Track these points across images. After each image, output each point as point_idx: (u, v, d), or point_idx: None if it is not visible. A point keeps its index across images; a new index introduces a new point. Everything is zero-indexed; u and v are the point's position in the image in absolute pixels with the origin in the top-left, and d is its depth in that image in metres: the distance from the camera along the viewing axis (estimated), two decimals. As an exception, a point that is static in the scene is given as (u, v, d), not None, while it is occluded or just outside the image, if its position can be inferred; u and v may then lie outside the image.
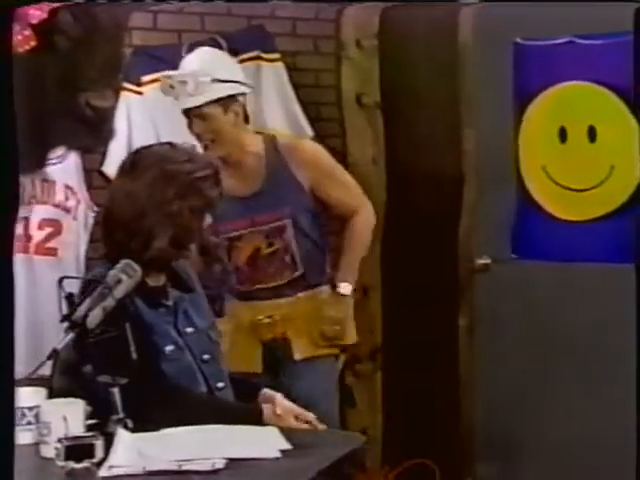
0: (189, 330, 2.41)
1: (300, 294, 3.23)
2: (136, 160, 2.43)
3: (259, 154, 3.22)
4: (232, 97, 3.16)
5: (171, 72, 3.19)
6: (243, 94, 3.20)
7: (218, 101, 3.13)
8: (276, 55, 4.04)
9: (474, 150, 3.80)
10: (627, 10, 2.44)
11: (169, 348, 2.34)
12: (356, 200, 3.32)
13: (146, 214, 2.33)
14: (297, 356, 3.22)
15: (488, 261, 3.74)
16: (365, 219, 3.32)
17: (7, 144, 1.39)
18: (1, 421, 1.38)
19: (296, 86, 4.06)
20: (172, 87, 3.16)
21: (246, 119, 3.24)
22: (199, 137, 3.13)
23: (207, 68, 3.14)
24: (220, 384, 2.42)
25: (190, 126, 3.17)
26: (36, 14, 3.48)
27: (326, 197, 3.26)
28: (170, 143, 2.51)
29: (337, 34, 4.15)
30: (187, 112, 3.18)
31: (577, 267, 3.57)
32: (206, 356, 2.41)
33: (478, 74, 3.74)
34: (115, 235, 2.36)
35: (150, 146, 2.52)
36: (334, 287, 3.27)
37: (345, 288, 3.27)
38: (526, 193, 3.67)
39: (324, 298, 3.25)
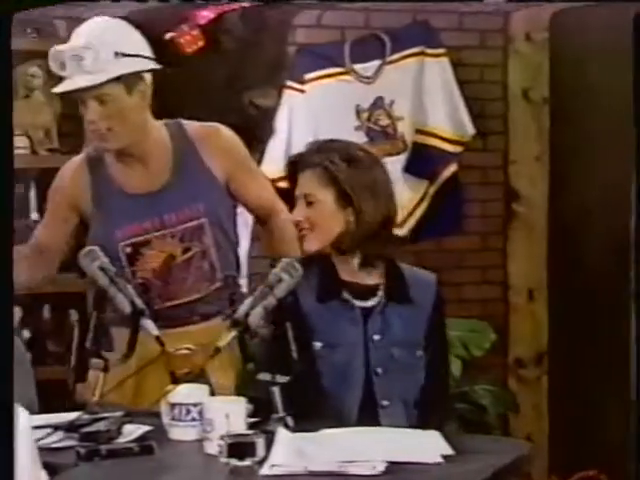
0: (376, 337, 2.34)
1: (217, 320, 2.61)
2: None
3: (164, 142, 2.62)
4: (138, 75, 2.57)
5: (62, 46, 2.55)
6: (150, 71, 2.61)
7: (121, 79, 2.53)
8: (441, 50, 3.99)
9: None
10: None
11: (318, 344, 2.31)
12: (273, 200, 2.74)
13: None
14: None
15: (663, 262, 3.58)
16: (287, 219, 2.55)
17: (6, 145, 1.38)
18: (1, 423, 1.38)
19: (461, 82, 3.99)
20: (63, 64, 2.52)
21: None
22: (93, 125, 2.54)
23: (108, 40, 2.53)
24: (385, 402, 2.33)
25: (84, 112, 2.56)
26: (204, 15, 3.54)
27: (244, 192, 2.68)
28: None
29: (505, 27, 4.06)
30: (81, 94, 2.54)
31: None
32: (380, 369, 2.33)
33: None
34: None
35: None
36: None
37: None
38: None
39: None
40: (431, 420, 2.30)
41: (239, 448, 1.94)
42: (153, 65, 2.60)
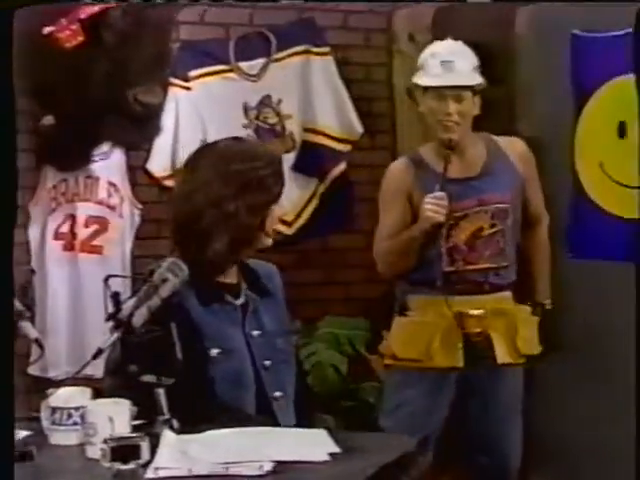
0: (255, 333, 2.36)
1: (501, 294, 3.29)
2: (200, 156, 2.38)
3: (475, 139, 3.31)
4: (477, 87, 3.26)
5: (437, 49, 3.29)
6: (481, 88, 3.30)
7: (471, 87, 3.24)
8: (326, 49, 4.00)
9: (529, 144, 3.72)
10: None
11: (215, 351, 2.29)
12: (543, 211, 3.41)
13: (203, 215, 2.29)
14: (500, 360, 3.26)
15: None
16: (546, 229, 3.41)
17: (6, 143, 1.36)
18: (1, 424, 1.35)
19: (346, 80, 4.01)
20: (423, 66, 3.27)
21: None
22: (448, 117, 3.21)
23: (469, 56, 3.28)
24: (278, 393, 2.35)
25: (438, 106, 3.23)
26: (86, 9, 3.47)
27: (533, 197, 3.35)
28: (235, 138, 2.46)
29: (389, 27, 4.09)
30: (444, 92, 3.22)
31: (633, 266, 3.48)
32: (267, 362, 2.34)
33: (535, 67, 3.67)
34: (181, 234, 2.33)
35: (215, 142, 2.45)
36: (541, 304, 3.38)
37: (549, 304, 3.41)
38: (582, 190, 3.58)
39: (521, 315, 3.32)
40: (305, 411, 2.36)
41: (122, 451, 1.91)
42: (484, 84, 3.29)
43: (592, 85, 3.52)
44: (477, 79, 3.26)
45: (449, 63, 3.23)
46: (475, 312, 3.23)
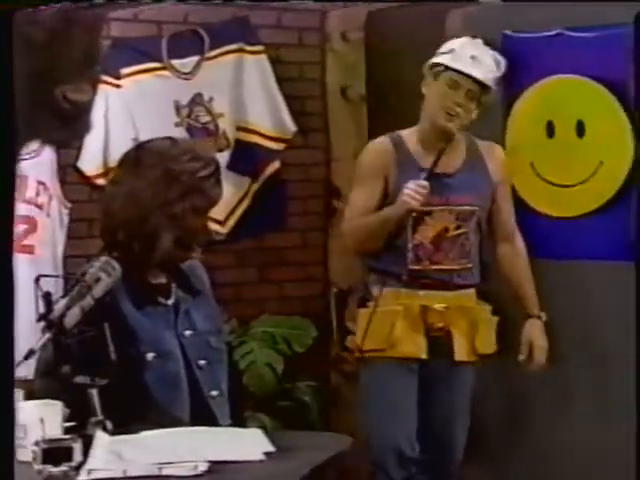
0: (188, 333, 2.34)
1: (464, 291, 3.30)
2: (140, 156, 2.35)
3: (461, 139, 3.33)
4: (486, 91, 3.29)
5: (470, 41, 3.30)
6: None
7: (485, 89, 3.26)
8: (259, 47, 3.99)
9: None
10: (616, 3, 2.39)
11: (150, 355, 2.28)
12: (514, 224, 3.42)
13: (150, 215, 2.27)
14: (457, 357, 3.28)
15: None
16: (522, 243, 3.43)
17: (8, 143, 1.34)
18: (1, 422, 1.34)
19: (280, 79, 4.00)
20: (451, 50, 3.26)
21: None
22: (457, 106, 3.22)
23: (491, 53, 3.31)
24: (214, 392, 2.34)
25: (457, 94, 3.24)
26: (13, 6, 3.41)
27: (502, 203, 3.36)
28: (171, 138, 2.43)
29: (322, 26, 4.10)
30: (460, 80, 3.23)
31: (564, 264, 3.53)
32: (202, 362, 2.33)
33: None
34: (118, 235, 2.30)
35: (151, 141, 2.42)
36: (538, 317, 3.37)
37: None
38: (512, 189, 3.62)
39: (482, 315, 3.34)
40: (239, 411, 2.37)
41: (54, 454, 1.89)
42: (493, 92, 3.32)
43: (522, 85, 3.57)
44: (491, 83, 3.28)
45: (478, 58, 3.25)
46: (439, 307, 3.25)
